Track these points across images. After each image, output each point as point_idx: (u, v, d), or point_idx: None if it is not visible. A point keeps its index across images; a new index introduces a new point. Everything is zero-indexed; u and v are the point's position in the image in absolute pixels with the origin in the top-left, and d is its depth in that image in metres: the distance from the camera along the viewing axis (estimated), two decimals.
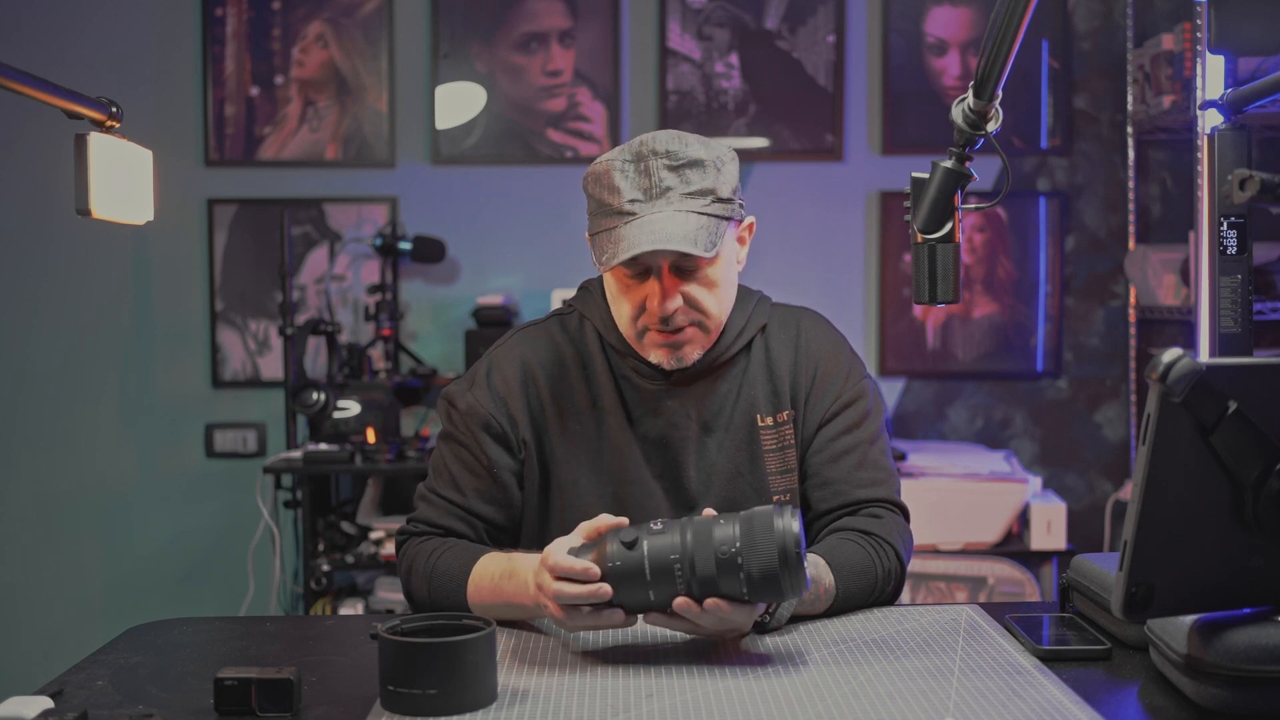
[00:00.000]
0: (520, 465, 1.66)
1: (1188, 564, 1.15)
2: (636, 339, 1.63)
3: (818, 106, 3.71)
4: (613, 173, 1.57)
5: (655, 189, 1.55)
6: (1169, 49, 3.32)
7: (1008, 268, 3.71)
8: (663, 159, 1.56)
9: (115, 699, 1.28)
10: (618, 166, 1.57)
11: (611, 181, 1.57)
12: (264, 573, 3.61)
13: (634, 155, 1.57)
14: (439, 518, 1.65)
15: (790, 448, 1.68)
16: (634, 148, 1.58)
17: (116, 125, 1.55)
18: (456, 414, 1.67)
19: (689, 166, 1.56)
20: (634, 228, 1.54)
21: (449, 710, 1.20)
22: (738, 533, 1.32)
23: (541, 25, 3.71)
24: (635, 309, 1.60)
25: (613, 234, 1.56)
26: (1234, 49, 2.78)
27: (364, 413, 3.34)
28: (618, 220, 1.56)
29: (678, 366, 1.63)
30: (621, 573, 1.33)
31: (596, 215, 1.60)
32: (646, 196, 1.55)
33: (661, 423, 1.65)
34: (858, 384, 1.70)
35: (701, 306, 1.60)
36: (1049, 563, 3.28)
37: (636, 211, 1.55)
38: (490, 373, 1.69)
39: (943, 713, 1.19)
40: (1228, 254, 1.49)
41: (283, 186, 3.73)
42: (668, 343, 1.60)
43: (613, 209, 1.56)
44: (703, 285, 1.59)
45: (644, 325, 1.60)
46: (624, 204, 1.55)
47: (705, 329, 1.62)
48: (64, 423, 3.75)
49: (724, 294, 1.63)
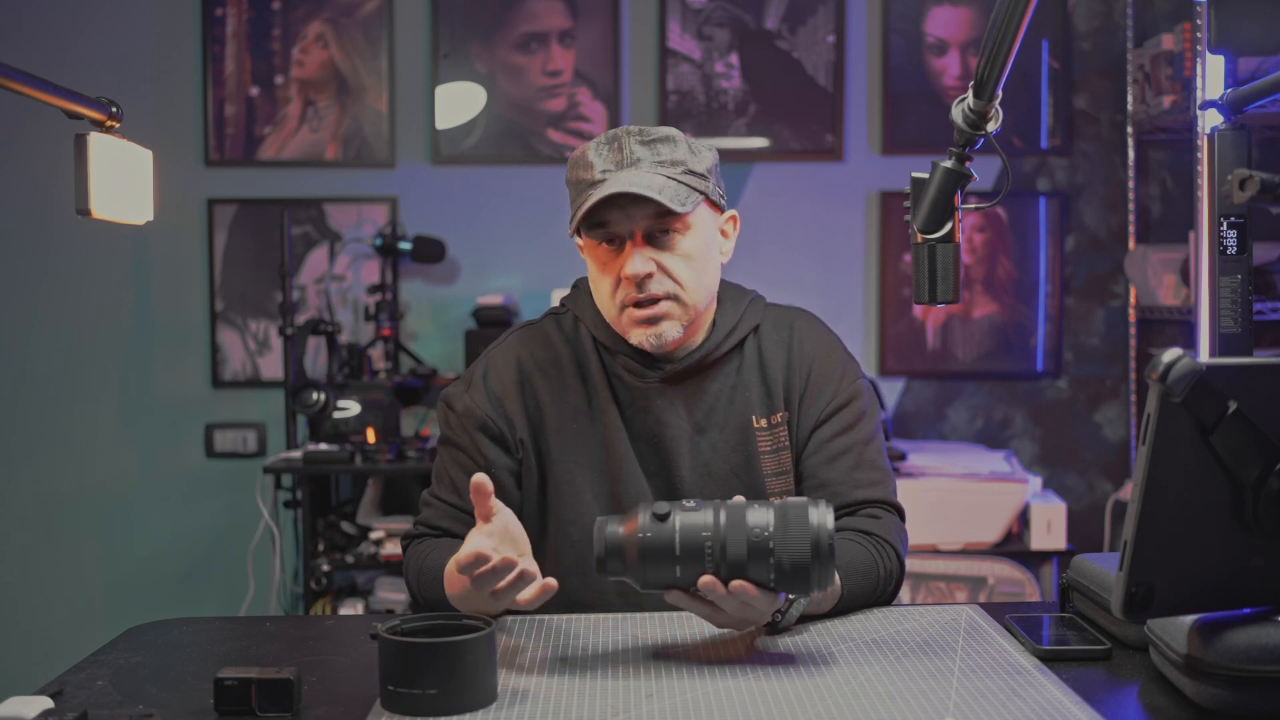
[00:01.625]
0: (518, 465, 1.67)
1: (1188, 564, 1.15)
2: (618, 320, 1.63)
3: (818, 106, 3.71)
4: (587, 152, 1.61)
5: (626, 160, 1.59)
6: (1169, 49, 3.32)
7: (1008, 268, 3.71)
8: (635, 136, 1.60)
9: (115, 699, 1.28)
10: (592, 147, 1.61)
11: (585, 159, 1.61)
12: (264, 573, 3.61)
13: (608, 137, 1.62)
14: (439, 520, 1.66)
15: (785, 449, 1.68)
16: (609, 132, 1.63)
17: (116, 125, 1.55)
18: (454, 416, 1.68)
19: (660, 141, 1.60)
20: (602, 187, 1.57)
21: (449, 710, 1.20)
22: (772, 519, 1.31)
23: (541, 25, 3.71)
24: (614, 283, 1.61)
25: (584, 199, 1.58)
26: (1234, 49, 2.78)
27: (364, 413, 3.34)
28: (589, 190, 1.58)
29: (658, 346, 1.62)
30: (650, 545, 1.32)
31: (573, 199, 1.63)
32: (617, 167, 1.59)
33: (652, 421, 1.66)
34: (852, 385, 1.70)
35: (675, 277, 1.60)
36: (1049, 563, 3.28)
37: (607, 179, 1.58)
38: (487, 374, 1.69)
39: (943, 713, 1.19)
40: (1228, 254, 1.49)
41: (283, 186, 3.73)
42: (645, 317, 1.60)
43: (585, 182, 1.59)
44: (678, 256, 1.61)
45: (622, 301, 1.61)
46: (596, 175, 1.59)
47: (681, 303, 1.61)
48: (64, 423, 3.75)
49: (701, 270, 1.63)
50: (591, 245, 1.63)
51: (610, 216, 1.58)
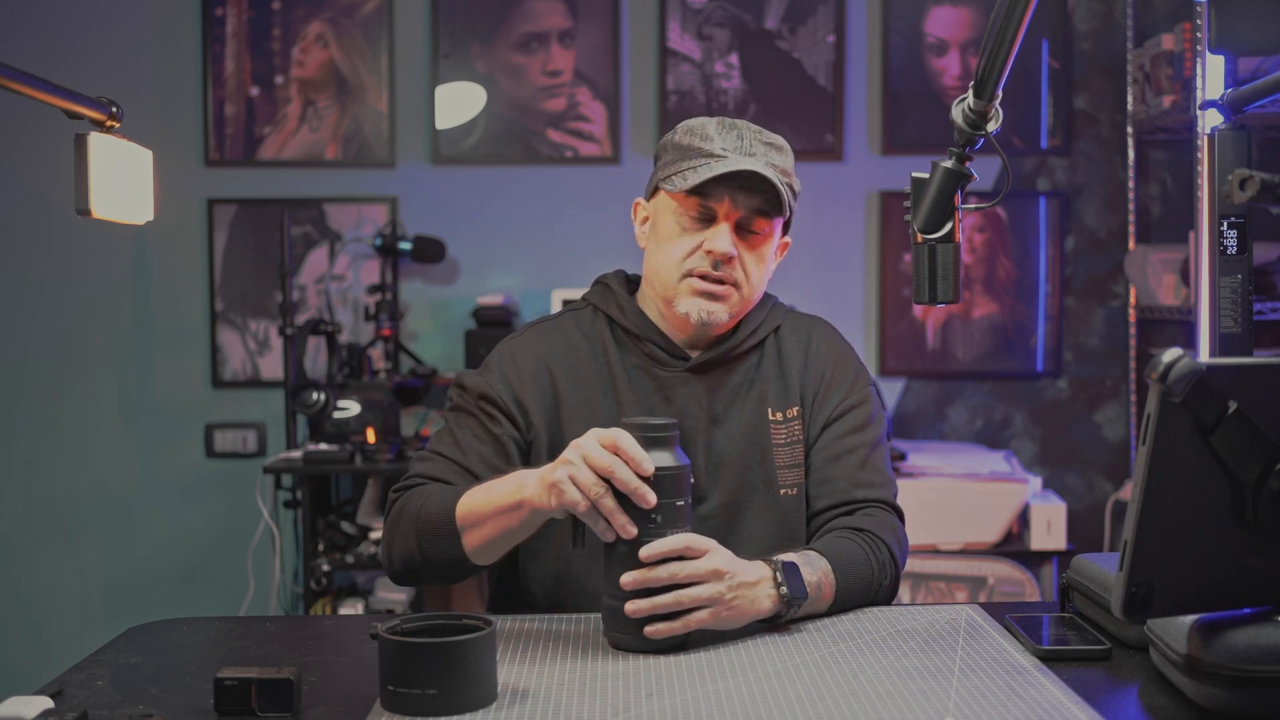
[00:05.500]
0: (528, 445, 1.67)
1: (1188, 564, 1.15)
2: (674, 285, 1.66)
3: (818, 106, 3.71)
4: (708, 126, 1.66)
5: (746, 149, 1.64)
6: (1169, 49, 3.32)
7: (1008, 268, 3.71)
8: (755, 133, 1.66)
9: (115, 699, 1.28)
10: (713, 124, 1.66)
11: (706, 131, 1.65)
12: (264, 573, 3.61)
13: (727, 123, 1.66)
14: (436, 472, 1.64)
15: (798, 443, 1.71)
16: (724, 118, 1.68)
17: (116, 125, 1.55)
18: (465, 391, 1.70)
19: (775, 148, 1.67)
20: (725, 163, 1.61)
21: (449, 710, 1.20)
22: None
23: (541, 25, 3.71)
24: (688, 250, 1.64)
25: (702, 166, 1.62)
26: (1234, 49, 2.78)
27: (364, 413, 3.34)
28: (708, 159, 1.62)
29: (705, 324, 1.65)
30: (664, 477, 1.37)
31: (677, 160, 1.65)
32: (738, 151, 1.63)
33: (672, 411, 1.67)
34: (864, 390, 1.75)
35: (746, 270, 1.66)
36: (1049, 563, 3.28)
37: (728, 156, 1.62)
38: (502, 362, 1.71)
39: (943, 713, 1.19)
40: (1228, 254, 1.49)
41: (283, 186, 3.73)
42: (708, 291, 1.64)
43: (702, 151, 1.63)
44: (753, 253, 1.66)
45: (690, 269, 1.64)
46: (716, 149, 1.63)
47: (742, 296, 1.67)
48: (64, 423, 3.75)
49: (764, 275, 1.70)
50: (681, 208, 1.65)
51: (717, 190, 1.62)
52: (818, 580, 1.49)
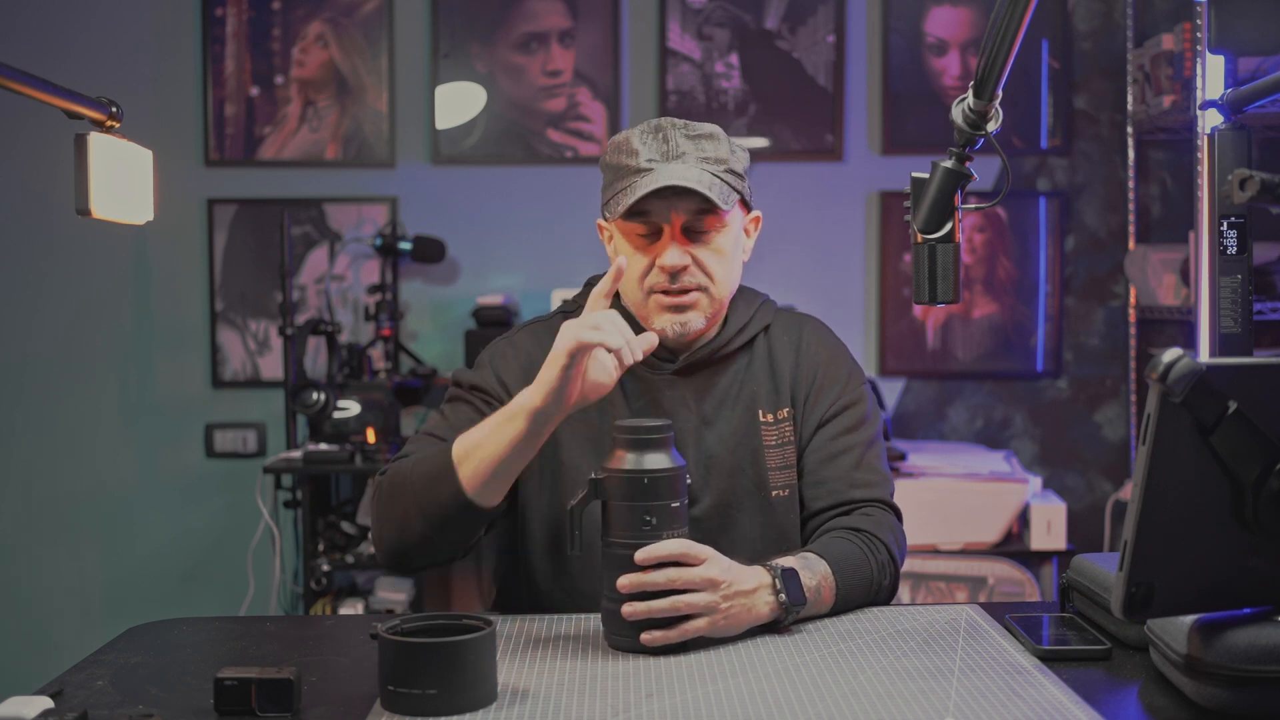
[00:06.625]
0: None
1: (1188, 564, 1.15)
2: (643, 305, 1.65)
3: (818, 106, 3.71)
4: (631, 139, 1.64)
5: (672, 152, 1.62)
6: (1169, 49, 3.32)
7: (1008, 268, 3.71)
8: (680, 129, 1.63)
9: (115, 699, 1.28)
10: (636, 135, 1.64)
11: (630, 146, 1.63)
12: (264, 573, 3.61)
13: (652, 127, 1.64)
14: (427, 449, 1.62)
15: (790, 444, 1.70)
16: (651, 122, 1.65)
17: (116, 125, 1.55)
18: (458, 385, 1.71)
19: (704, 138, 1.64)
20: (651, 178, 1.59)
21: (449, 710, 1.20)
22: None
23: (541, 25, 3.71)
24: (644, 269, 1.64)
25: (630, 187, 1.60)
26: (1234, 49, 2.78)
27: (364, 413, 3.34)
28: (635, 177, 1.61)
29: (681, 335, 1.65)
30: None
31: (613, 183, 1.64)
32: (664, 158, 1.61)
33: (660, 412, 1.67)
34: (857, 389, 1.74)
35: (708, 271, 1.64)
36: (1049, 563, 3.28)
37: (654, 168, 1.60)
38: (495, 359, 1.72)
39: (943, 713, 1.19)
40: (1228, 254, 1.49)
41: (283, 186, 3.73)
42: (673, 304, 1.63)
43: (630, 169, 1.62)
44: (711, 251, 1.64)
45: (650, 287, 1.64)
46: (641, 163, 1.61)
47: (709, 296, 1.65)
48: (64, 423, 3.75)
49: (730, 268, 1.67)
50: (626, 230, 1.65)
51: (653, 206, 1.61)
52: (817, 584, 1.49)
